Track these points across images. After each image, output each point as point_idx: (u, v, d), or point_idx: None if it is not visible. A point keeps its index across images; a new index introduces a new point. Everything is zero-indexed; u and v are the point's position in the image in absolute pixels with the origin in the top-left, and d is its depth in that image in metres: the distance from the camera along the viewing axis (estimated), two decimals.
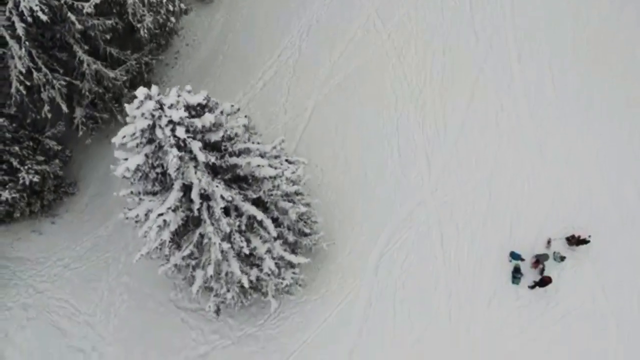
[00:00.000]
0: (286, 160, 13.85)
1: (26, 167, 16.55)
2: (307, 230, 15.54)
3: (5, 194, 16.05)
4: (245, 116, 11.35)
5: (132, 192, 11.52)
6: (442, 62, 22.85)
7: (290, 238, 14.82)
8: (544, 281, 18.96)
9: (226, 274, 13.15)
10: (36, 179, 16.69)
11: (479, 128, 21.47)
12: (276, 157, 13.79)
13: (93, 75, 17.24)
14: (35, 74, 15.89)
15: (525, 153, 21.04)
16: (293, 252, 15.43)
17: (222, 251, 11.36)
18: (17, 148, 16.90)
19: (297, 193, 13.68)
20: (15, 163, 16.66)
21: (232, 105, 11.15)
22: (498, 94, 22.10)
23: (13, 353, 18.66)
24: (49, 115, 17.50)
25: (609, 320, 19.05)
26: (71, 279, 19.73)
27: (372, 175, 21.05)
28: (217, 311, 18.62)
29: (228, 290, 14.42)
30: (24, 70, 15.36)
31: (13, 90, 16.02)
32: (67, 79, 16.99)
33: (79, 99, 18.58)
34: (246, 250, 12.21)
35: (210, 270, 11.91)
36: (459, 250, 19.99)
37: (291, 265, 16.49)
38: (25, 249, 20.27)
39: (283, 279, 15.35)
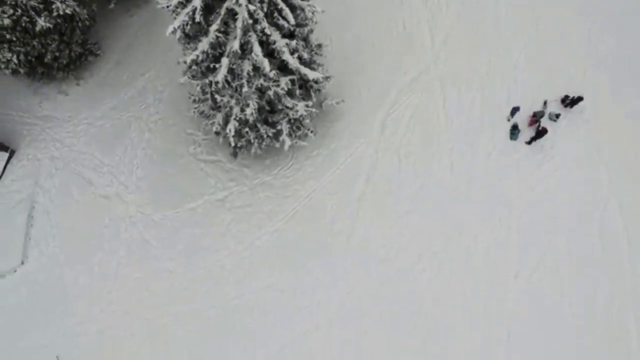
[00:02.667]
0: None
1: (59, 1, 17.45)
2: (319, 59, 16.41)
3: (41, 21, 16.83)
4: None
5: None
6: None
7: (305, 55, 15.74)
8: (541, 132, 19.81)
9: (248, 74, 14.11)
10: (69, 10, 17.50)
11: (480, 4, 22.39)
12: None
13: None
14: None
15: (522, 26, 21.84)
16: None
17: (249, 17, 12.18)
18: None
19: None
20: None
21: None
22: None
23: (43, 198, 19.59)
24: None
25: (601, 172, 20.09)
26: (95, 135, 20.58)
27: (379, 45, 21.79)
28: (235, 154, 19.74)
29: (247, 105, 15.42)
30: None
31: None
32: None
33: None
34: (268, 31, 13.09)
35: (235, 45, 12.76)
36: (460, 111, 20.86)
37: (304, 97, 17.49)
38: (53, 109, 21.09)
39: (296, 105, 16.35)
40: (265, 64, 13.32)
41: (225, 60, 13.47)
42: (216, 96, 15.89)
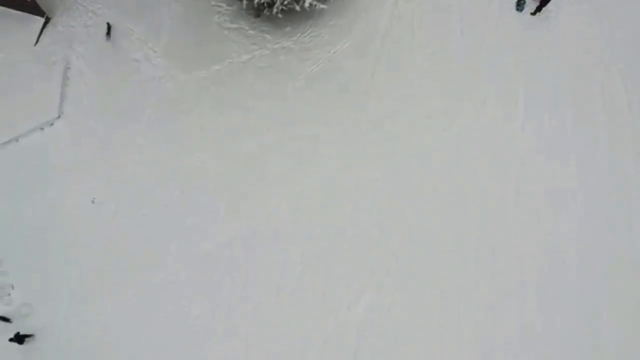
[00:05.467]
0: None
1: None
2: None
3: None
4: None
5: None
6: None
7: None
8: (545, 0, 20.88)
9: None
10: None
11: None
12: None
13: None
14: None
15: None
16: None
17: None
18: None
19: None
20: None
21: None
22: None
23: (77, 60, 20.31)
24: None
25: (602, 42, 20.98)
26: (126, 6, 21.08)
27: None
28: (258, 14, 20.64)
29: None
30: None
31: None
32: None
33: None
34: None
35: None
36: None
37: None
38: None
39: None
40: None
41: None
42: None
